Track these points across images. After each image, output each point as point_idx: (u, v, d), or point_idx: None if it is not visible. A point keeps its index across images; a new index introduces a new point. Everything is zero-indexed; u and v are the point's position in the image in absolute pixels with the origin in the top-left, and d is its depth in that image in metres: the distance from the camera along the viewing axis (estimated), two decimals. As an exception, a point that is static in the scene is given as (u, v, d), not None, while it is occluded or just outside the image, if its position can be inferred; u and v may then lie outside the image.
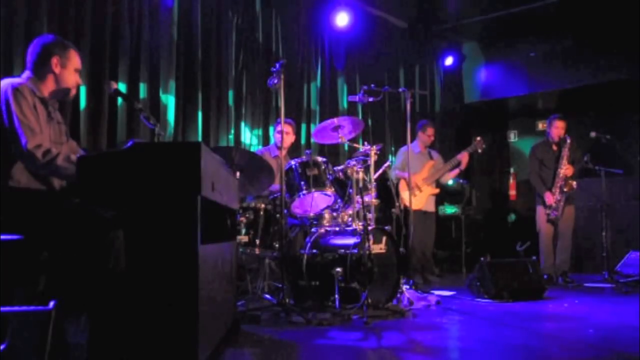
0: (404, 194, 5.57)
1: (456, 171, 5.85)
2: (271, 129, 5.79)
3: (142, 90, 4.67)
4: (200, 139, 5.09)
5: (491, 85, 8.10)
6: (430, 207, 5.99)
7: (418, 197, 5.72)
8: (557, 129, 5.70)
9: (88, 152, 3.25)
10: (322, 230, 4.12)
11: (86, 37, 4.27)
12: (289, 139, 5.04)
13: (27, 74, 2.56)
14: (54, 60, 2.55)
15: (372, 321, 3.34)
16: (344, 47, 6.80)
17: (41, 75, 2.56)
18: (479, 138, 5.78)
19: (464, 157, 5.71)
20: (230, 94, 5.48)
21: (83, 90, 4.25)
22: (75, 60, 2.63)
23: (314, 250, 3.97)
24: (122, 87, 4.47)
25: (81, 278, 2.15)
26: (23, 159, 2.32)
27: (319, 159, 4.20)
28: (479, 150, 5.79)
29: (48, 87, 2.57)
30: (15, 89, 2.37)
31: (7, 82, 2.43)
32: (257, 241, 4.05)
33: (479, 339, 3.01)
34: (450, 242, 7.24)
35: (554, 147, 5.76)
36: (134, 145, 2.03)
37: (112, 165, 2.04)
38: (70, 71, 2.60)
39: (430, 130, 5.97)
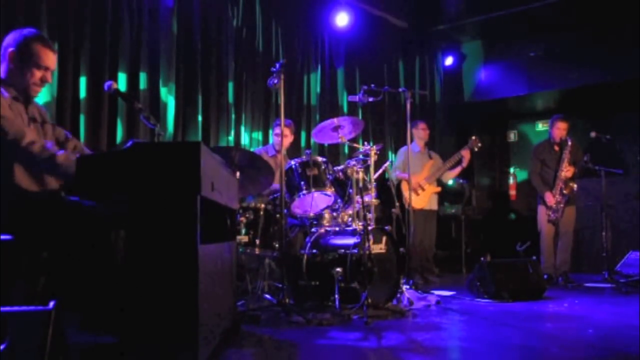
0: (407, 194, 5.57)
1: (458, 169, 5.85)
2: (271, 131, 5.79)
3: (142, 90, 4.67)
4: (200, 139, 5.09)
5: (491, 85, 8.10)
6: (433, 206, 6.01)
7: (421, 196, 5.74)
8: (559, 129, 5.69)
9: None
10: (322, 230, 4.12)
11: (86, 38, 4.27)
12: (288, 140, 5.04)
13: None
14: (10, 53, 2.49)
15: (372, 321, 3.34)
16: (344, 47, 6.80)
17: (4, 72, 2.51)
18: (474, 137, 5.80)
19: (465, 153, 5.71)
20: (230, 94, 5.48)
21: (83, 91, 4.26)
22: (41, 56, 2.52)
23: (314, 250, 3.97)
24: (122, 87, 4.47)
25: (81, 278, 2.15)
26: (21, 158, 2.31)
27: (319, 159, 4.20)
28: (475, 149, 5.80)
29: (10, 83, 2.50)
30: None
31: None
32: (257, 241, 4.05)
33: (479, 339, 3.01)
34: (450, 242, 7.24)
35: (556, 148, 5.75)
36: (134, 145, 2.03)
37: (112, 165, 2.03)
38: (29, 66, 2.49)
39: (421, 125, 5.99)
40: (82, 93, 4.25)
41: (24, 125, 2.38)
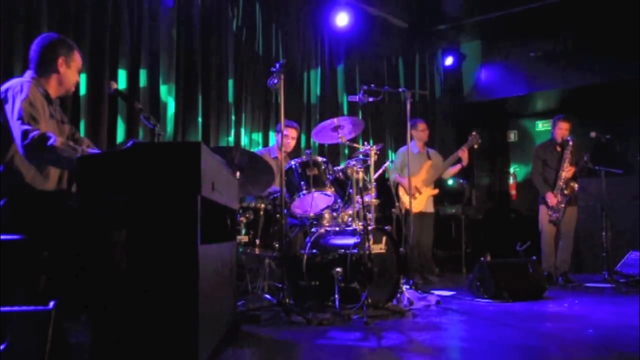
0: (405, 198, 5.57)
1: (458, 167, 5.84)
2: (271, 132, 5.79)
3: (142, 90, 4.67)
4: (200, 139, 5.08)
5: (491, 85, 8.10)
6: (429, 208, 5.99)
7: (418, 200, 5.72)
8: (561, 129, 5.69)
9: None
10: (322, 230, 4.12)
11: (86, 38, 4.28)
12: (291, 143, 5.03)
13: (29, 73, 2.57)
14: (60, 60, 2.59)
15: (372, 321, 3.34)
16: (344, 47, 6.81)
17: (44, 74, 2.58)
18: (474, 133, 5.78)
19: (463, 153, 5.70)
20: (230, 94, 5.48)
21: (83, 91, 4.26)
22: (78, 60, 2.70)
23: (314, 250, 3.97)
24: (122, 84, 4.48)
25: (82, 278, 2.15)
26: (21, 146, 2.31)
27: (319, 159, 4.20)
28: (475, 146, 5.79)
29: (51, 86, 2.60)
30: (21, 86, 2.39)
31: (12, 82, 2.46)
32: (257, 241, 4.05)
33: (479, 339, 3.01)
34: (450, 242, 7.24)
35: (558, 148, 5.74)
36: (134, 145, 2.03)
37: (112, 166, 2.03)
38: (73, 71, 2.67)
39: (421, 126, 5.97)
40: (82, 90, 4.25)
41: (41, 117, 2.40)
